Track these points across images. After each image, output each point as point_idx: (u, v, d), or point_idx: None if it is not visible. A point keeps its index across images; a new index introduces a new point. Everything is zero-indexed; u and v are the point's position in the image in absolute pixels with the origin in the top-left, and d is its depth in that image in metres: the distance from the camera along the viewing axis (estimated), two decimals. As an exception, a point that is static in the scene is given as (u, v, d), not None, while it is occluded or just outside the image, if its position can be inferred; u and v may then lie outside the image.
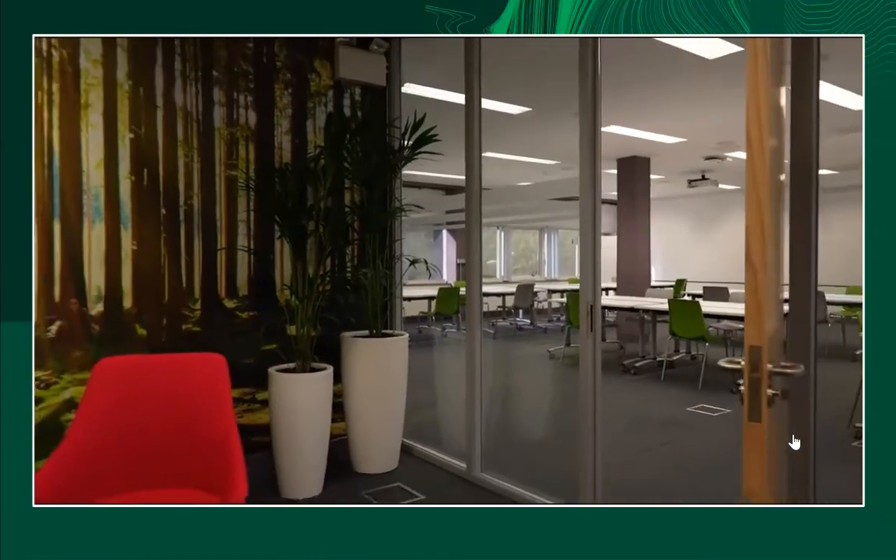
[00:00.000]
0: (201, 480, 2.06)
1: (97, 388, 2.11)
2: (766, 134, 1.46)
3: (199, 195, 3.26)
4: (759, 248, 1.37)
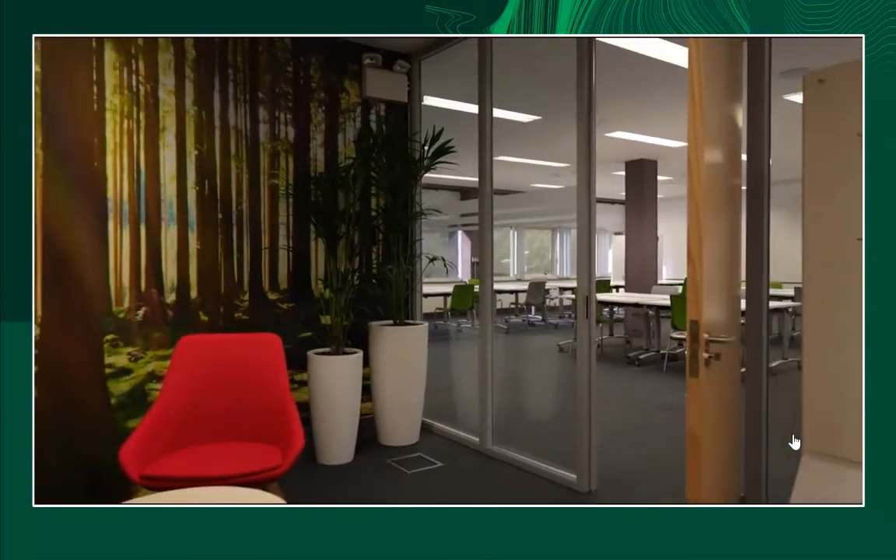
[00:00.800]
0: (265, 435, 2.55)
1: (180, 359, 2.60)
2: (701, 146, 1.89)
3: (247, 201, 3.76)
4: (696, 247, 1.82)
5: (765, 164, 2.53)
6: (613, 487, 3.29)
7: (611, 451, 3.78)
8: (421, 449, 4.00)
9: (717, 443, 2.05)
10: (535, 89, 5.76)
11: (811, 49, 4.65)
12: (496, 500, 3.24)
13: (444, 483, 3.46)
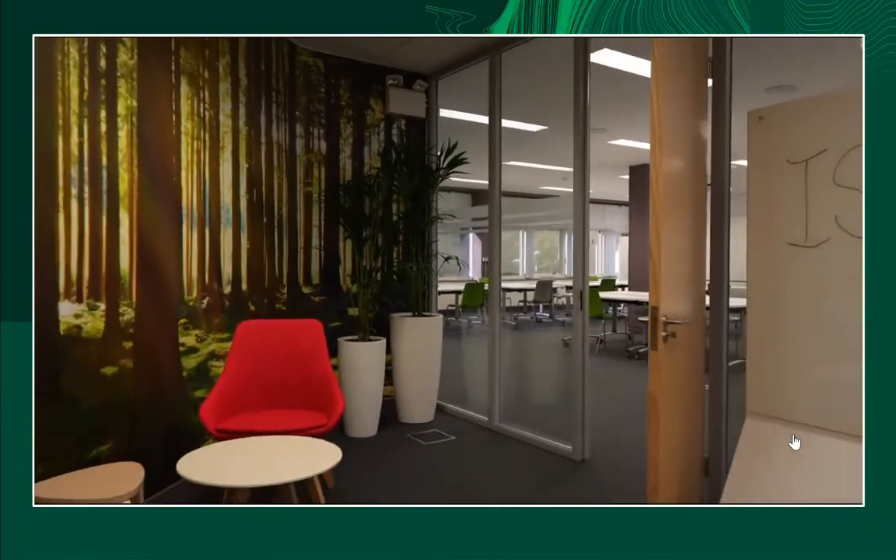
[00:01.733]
0: (310, 403, 3.09)
1: (240, 340, 3.15)
2: (659, 155, 2.34)
3: (286, 206, 4.30)
4: (655, 245, 2.32)
5: (725, 172, 3.01)
6: (603, 457, 3.79)
7: (606, 429, 4.27)
8: (436, 426, 4.53)
9: (673, 404, 2.54)
10: (541, 102, 6.26)
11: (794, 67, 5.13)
12: (502, 465, 3.75)
13: (457, 452, 3.99)
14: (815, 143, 2.30)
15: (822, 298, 2.31)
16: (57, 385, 2.38)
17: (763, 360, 2.52)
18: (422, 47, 4.44)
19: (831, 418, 2.28)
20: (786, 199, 2.41)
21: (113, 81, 2.64)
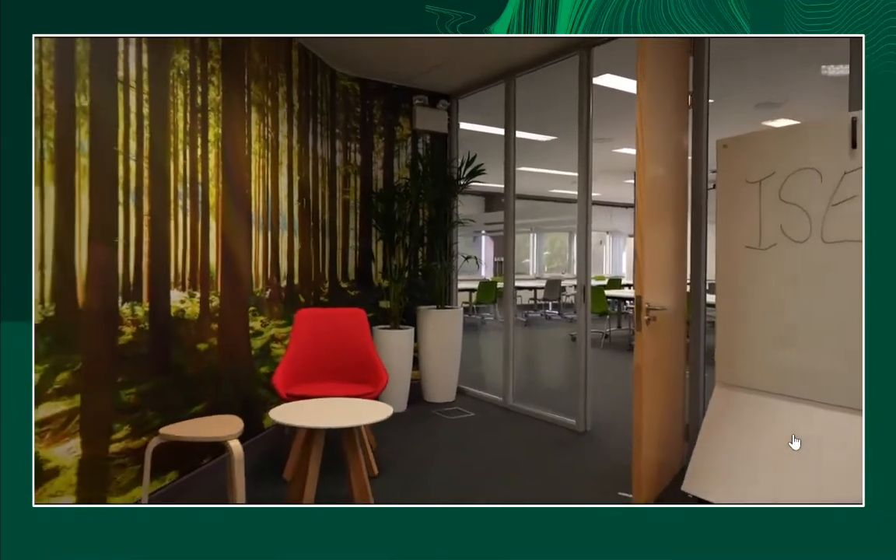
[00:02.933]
0: (358, 377, 3.72)
1: (298, 325, 3.79)
2: (643, 164, 2.92)
3: (328, 212, 4.95)
4: (639, 247, 2.92)
5: (703, 188, 3.61)
6: (602, 429, 4.40)
7: (606, 408, 4.87)
8: (457, 404, 5.16)
9: (655, 375, 3.13)
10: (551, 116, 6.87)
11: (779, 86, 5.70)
12: (515, 435, 4.37)
13: (476, 425, 4.61)
14: (766, 167, 2.91)
15: (771, 291, 2.92)
16: (168, 356, 3.02)
17: (728, 340, 3.13)
18: (445, 72, 5.07)
19: (780, 385, 2.88)
20: (744, 211, 3.01)
21: (206, 115, 3.29)
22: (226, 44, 3.47)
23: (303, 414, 2.81)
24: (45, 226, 2.27)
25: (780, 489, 2.66)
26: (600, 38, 4.17)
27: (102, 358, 2.60)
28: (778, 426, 2.83)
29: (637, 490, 2.96)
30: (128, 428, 2.74)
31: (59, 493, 2.37)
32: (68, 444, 2.42)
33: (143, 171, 2.82)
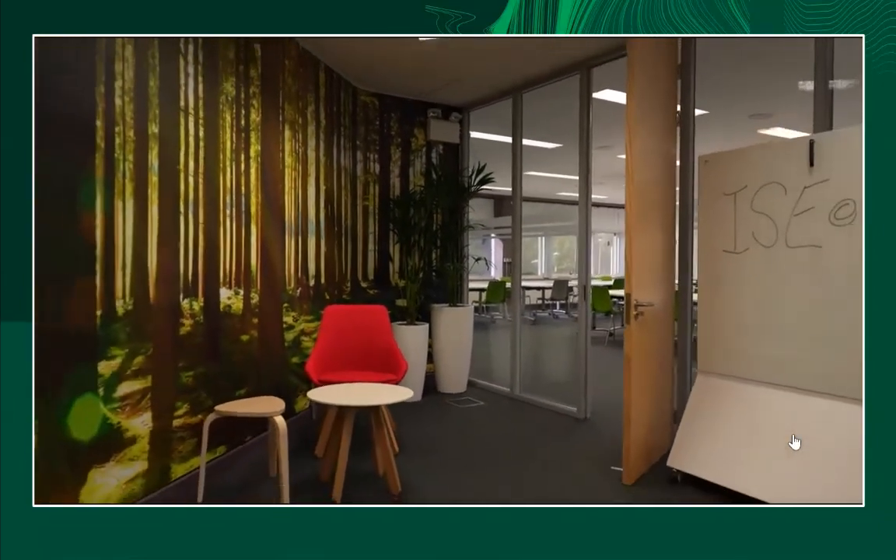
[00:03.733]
0: (380, 366, 4.16)
1: (327, 320, 4.23)
2: (632, 172, 3.32)
3: (350, 218, 5.40)
4: (628, 250, 3.34)
5: (689, 198, 4.01)
6: (601, 416, 4.81)
7: (606, 397, 5.26)
8: (468, 395, 5.59)
9: (643, 364, 3.54)
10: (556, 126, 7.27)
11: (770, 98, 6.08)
12: (522, 420, 4.79)
13: (485, 413, 5.04)
14: (740, 180, 3.32)
15: (744, 290, 3.32)
16: (218, 346, 3.48)
17: (708, 333, 3.53)
18: (457, 88, 5.50)
19: (754, 372, 3.28)
20: (722, 219, 3.42)
21: (248, 134, 3.74)
22: (265, 69, 3.92)
23: (336, 395, 3.25)
24: (126, 234, 2.73)
25: (751, 462, 3.07)
26: (599, 59, 4.59)
27: (167, 345, 3.06)
28: (751, 408, 3.24)
29: (626, 464, 3.38)
30: (187, 406, 3.20)
31: (135, 457, 2.83)
32: (142, 418, 2.88)
33: (199, 185, 3.27)
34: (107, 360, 2.66)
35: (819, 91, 3.28)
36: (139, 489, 2.86)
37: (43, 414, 2.33)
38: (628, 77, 3.29)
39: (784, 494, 2.82)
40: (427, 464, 3.76)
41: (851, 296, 2.80)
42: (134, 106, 2.78)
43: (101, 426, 2.63)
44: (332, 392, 3.32)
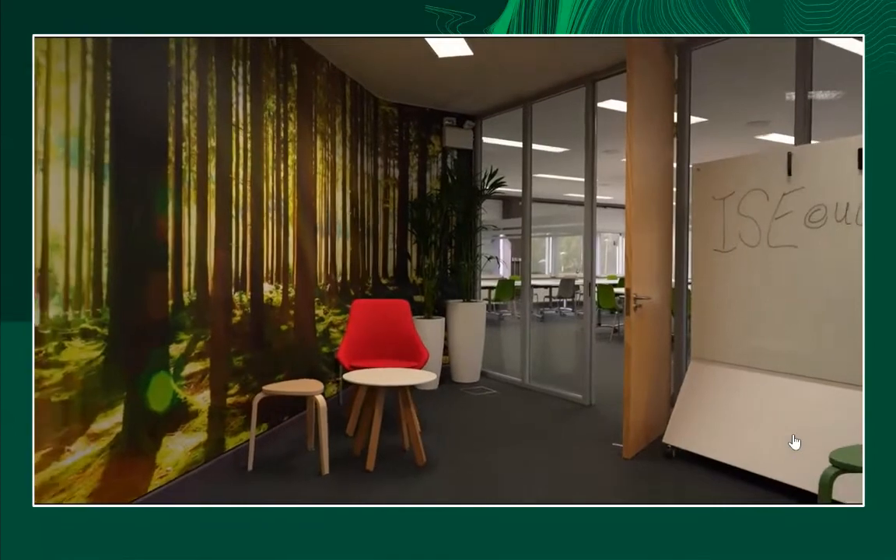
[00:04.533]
0: (403, 354, 4.57)
1: (354, 312, 4.66)
2: (631, 176, 3.71)
3: (371, 219, 5.82)
4: (628, 249, 3.74)
5: (685, 192, 4.39)
6: (604, 403, 5.19)
7: (610, 386, 5.65)
8: (481, 384, 6.01)
9: (642, 352, 3.94)
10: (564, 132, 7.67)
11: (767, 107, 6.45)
12: (531, 406, 5.19)
13: (498, 400, 5.45)
14: (728, 187, 3.71)
15: (732, 285, 3.72)
16: (262, 334, 3.90)
17: (701, 323, 3.93)
18: (471, 98, 5.91)
19: (740, 358, 3.67)
20: (713, 221, 3.81)
21: (286, 145, 4.17)
22: (300, 86, 4.34)
23: (369, 377, 3.67)
24: (191, 235, 3.16)
25: (737, 439, 3.46)
26: (603, 74, 4.99)
27: (222, 333, 3.49)
28: (737, 390, 3.63)
29: (626, 440, 3.78)
30: (237, 386, 3.63)
31: (197, 429, 3.26)
32: (203, 394, 3.31)
33: (247, 192, 3.70)
34: (176, 344, 3.09)
35: (799, 105, 3.67)
36: (200, 457, 3.29)
37: (130, 388, 2.77)
38: (628, 92, 3.70)
39: (765, 467, 3.21)
40: (447, 441, 4.16)
41: (823, 290, 3.19)
42: (196, 124, 3.21)
43: (171, 400, 3.07)
44: (365, 375, 3.74)
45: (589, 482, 3.47)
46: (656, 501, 3.18)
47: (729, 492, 3.23)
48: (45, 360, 2.32)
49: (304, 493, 3.22)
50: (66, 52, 2.38)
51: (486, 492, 3.28)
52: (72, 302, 2.46)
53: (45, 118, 2.29)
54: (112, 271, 2.66)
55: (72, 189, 2.45)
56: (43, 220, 2.30)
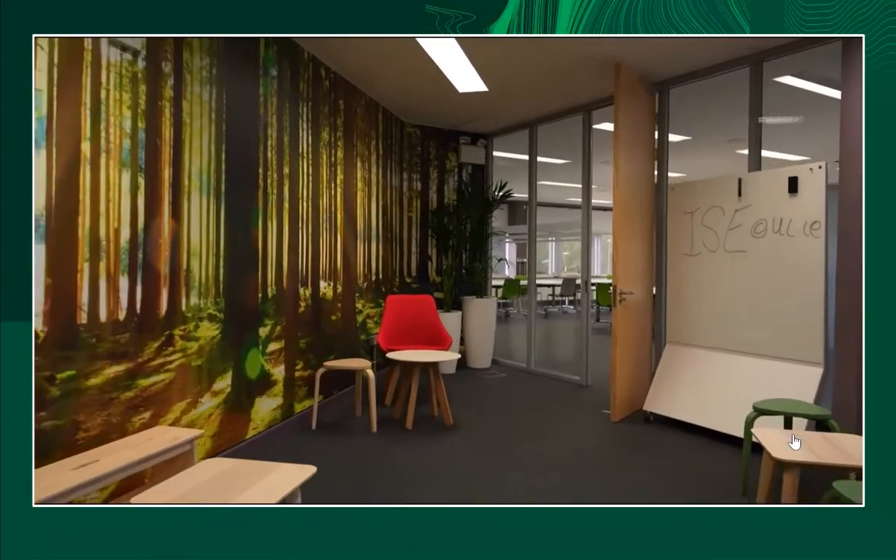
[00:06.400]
0: (430, 340, 5.48)
1: (388, 306, 5.58)
2: (616, 185, 4.63)
3: (398, 226, 6.74)
4: (615, 248, 4.64)
5: (663, 205, 5.29)
6: (599, 384, 6.09)
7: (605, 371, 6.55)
8: (493, 369, 6.92)
9: (625, 338, 4.84)
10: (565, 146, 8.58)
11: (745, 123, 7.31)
12: (536, 387, 6.10)
13: (507, 382, 6.36)
14: (695, 203, 4.62)
15: (697, 282, 4.62)
16: (319, 322, 4.82)
17: (674, 313, 4.83)
18: (484, 121, 6.82)
19: (704, 340, 4.57)
20: (683, 230, 4.72)
21: (336, 168, 5.09)
22: (345, 118, 5.26)
23: (407, 355, 4.59)
24: (272, 243, 4.08)
25: (702, 404, 4.36)
26: (597, 105, 5.89)
27: (292, 320, 4.41)
28: (703, 366, 4.53)
29: (612, 408, 4.69)
30: (302, 363, 4.55)
31: (276, 394, 4.18)
32: (280, 368, 4.23)
33: (309, 208, 4.63)
34: (263, 327, 4.01)
35: (752, 133, 4.57)
36: (278, 416, 4.22)
37: (235, 359, 3.69)
38: (615, 122, 4.60)
39: (722, 425, 4.10)
40: (467, 410, 5.07)
41: (766, 286, 4.09)
42: (276, 156, 4.14)
43: (260, 371, 3.99)
44: (404, 354, 4.65)
45: (583, 437, 4.38)
46: (635, 451, 4.09)
47: (692, 444, 4.13)
48: (187, 334, 3.25)
49: (360, 445, 4.13)
50: (200, 112, 3.31)
51: (503, 444, 4.18)
52: (203, 293, 3.39)
53: (188, 160, 3.22)
54: (225, 271, 3.59)
55: (203, 211, 3.37)
56: (187, 234, 3.23)
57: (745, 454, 3.25)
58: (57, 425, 2.44)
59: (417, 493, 3.27)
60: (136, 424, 2.89)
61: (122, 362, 2.80)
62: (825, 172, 3.81)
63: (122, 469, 2.33)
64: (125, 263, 2.81)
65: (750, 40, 4.14)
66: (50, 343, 2.40)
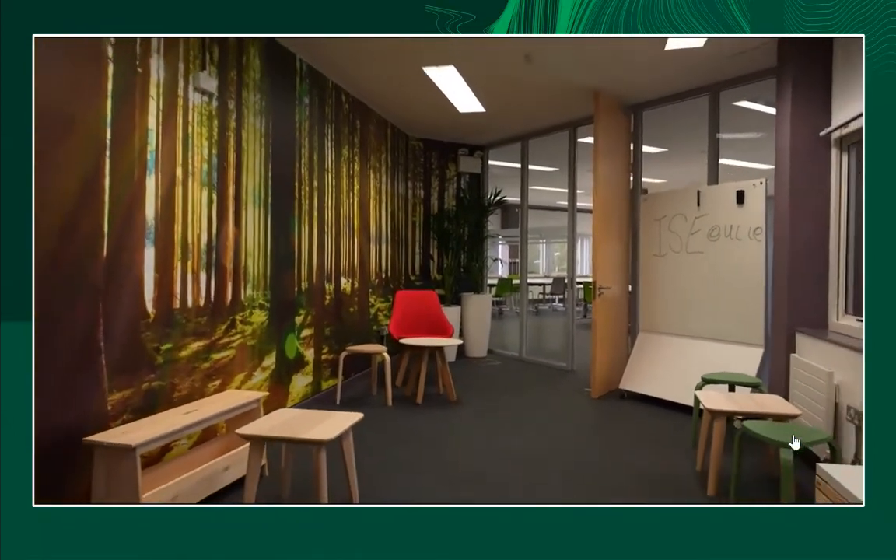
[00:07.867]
0: (434, 329, 6.24)
1: (398, 300, 6.34)
2: (596, 192, 5.42)
3: (403, 230, 7.50)
4: (595, 252, 5.43)
5: (637, 211, 6.08)
6: (583, 369, 6.86)
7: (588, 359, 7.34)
8: (488, 359, 7.70)
9: (604, 327, 5.63)
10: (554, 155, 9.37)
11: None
12: (528, 373, 6.88)
13: (501, 369, 7.14)
14: (663, 211, 5.42)
15: (664, 279, 5.41)
16: (340, 313, 5.57)
17: (646, 306, 5.62)
18: (479, 134, 7.61)
19: (670, 327, 5.37)
20: (653, 235, 5.51)
21: (353, 180, 5.84)
22: (361, 135, 6.02)
23: (417, 342, 5.35)
24: (304, 246, 4.84)
25: (668, 382, 5.14)
26: (581, 122, 6.69)
27: (319, 311, 5.16)
28: (668, 350, 5.33)
29: (593, 386, 5.48)
30: (327, 348, 5.30)
31: (308, 373, 4.94)
32: (310, 350, 4.98)
33: (332, 216, 5.38)
34: (298, 316, 4.77)
35: (710, 150, 5.37)
36: (309, 392, 4.97)
37: (277, 342, 4.45)
38: (594, 140, 5.38)
39: (685, 398, 4.89)
40: (468, 391, 5.84)
41: (721, 282, 4.89)
42: (307, 172, 4.89)
43: (296, 352, 4.74)
44: (414, 340, 5.42)
45: (567, 410, 5.16)
46: (609, 418, 4.89)
47: (659, 413, 4.92)
48: (245, 319, 4.00)
49: (381, 414, 4.89)
50: (254, 138, 4.07)
51: (500, 417, 4.94)
52: (255, 286, 4.14)
53: (246, 177, 3.97)
54: (271, 268, 4.34)
55: (255, 220, 4.13)
56: (245, 238, 3.98)
57: (694, 414, 4.05)
58: (161, 385, 3.19)
59: (431, 448, 4.03)
60: (211, 389, 3.64)
61: (202, 339, 3.55)
62: (765, 187, 4.62)
63: (217, 416, 3.08)
64: (203, 262, 3.57)
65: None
66: (157, 322, 3.15)
